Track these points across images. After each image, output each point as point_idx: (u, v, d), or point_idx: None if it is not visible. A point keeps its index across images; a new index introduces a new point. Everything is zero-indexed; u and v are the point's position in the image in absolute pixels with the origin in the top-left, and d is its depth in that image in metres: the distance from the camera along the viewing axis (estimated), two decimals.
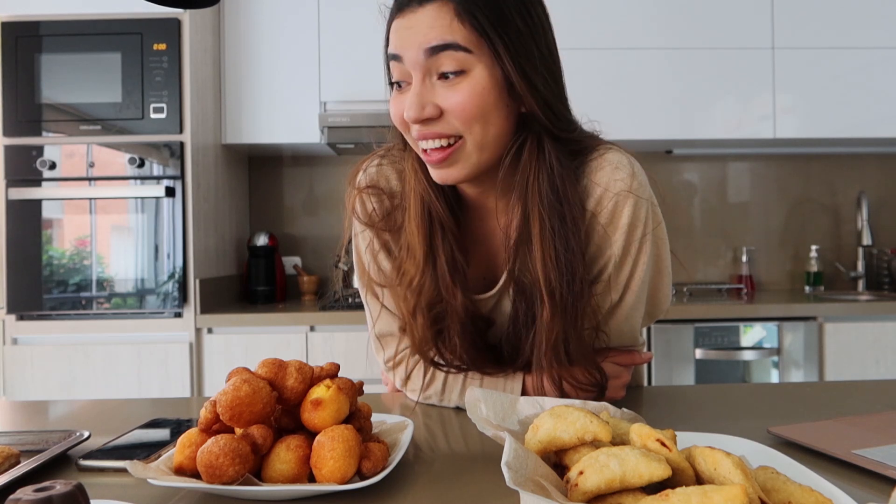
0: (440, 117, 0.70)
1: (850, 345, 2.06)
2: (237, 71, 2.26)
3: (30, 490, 0.39)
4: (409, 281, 0.77)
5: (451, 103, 0.69)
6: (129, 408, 0.86)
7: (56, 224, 2.00)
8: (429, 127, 0.70)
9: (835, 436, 0.63)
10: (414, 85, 0.70)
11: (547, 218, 0.71)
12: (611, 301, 0.77)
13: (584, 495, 0.42)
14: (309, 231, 2.62)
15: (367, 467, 0.53)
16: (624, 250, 0.75)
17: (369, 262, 0.84)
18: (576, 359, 0.75)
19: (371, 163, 0.84)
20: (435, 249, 0.76)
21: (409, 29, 0.69)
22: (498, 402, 0.59)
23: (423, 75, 0.69)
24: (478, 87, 0.68)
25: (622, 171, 0.74)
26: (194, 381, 1.99)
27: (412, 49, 0.68)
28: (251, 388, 0.52)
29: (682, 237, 2.67)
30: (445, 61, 0.68)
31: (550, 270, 0.71)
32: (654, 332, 2.04)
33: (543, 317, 0.72)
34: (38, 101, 2.00)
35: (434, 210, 0.77)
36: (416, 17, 0.68)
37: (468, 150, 0.71)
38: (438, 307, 0.77)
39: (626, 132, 2.28)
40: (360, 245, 0.85)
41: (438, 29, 0.67)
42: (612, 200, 0.74)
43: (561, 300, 0.72)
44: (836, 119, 2.31)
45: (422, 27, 0.68)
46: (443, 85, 0.69)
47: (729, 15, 2.29)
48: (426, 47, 0.68)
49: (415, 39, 0.68)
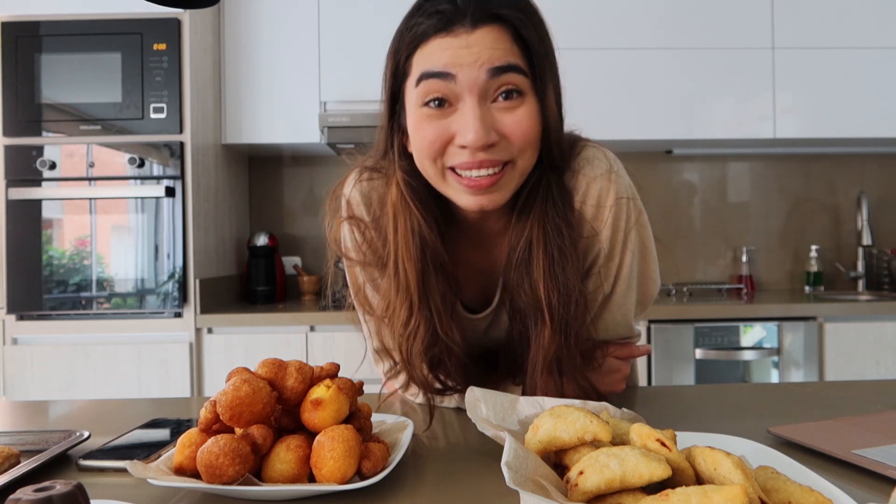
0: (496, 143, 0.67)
1: (850, 345, 2.06)
2: (237, 71, 2.26)
3: (30, 490, 0.39)
4: (403, 324, 0.73)
5: (512, 127, 0.67)
6: (129, 408, 0.86)
7: (56, 224, 2.00)
8: (487, 153, 0.67)
9: (835, 436, 0.63)
10: (471, 107, 0.66)
11: (549, 242, 0.72)
12: (603, 293, 0.78)
13: (584, 495, 0.42)
14: (309, 231, 2.62)
15: (367, 467, 0.53)
16: (611, 242, 0.76)
17: (361, 297, 0.81)
18: (568, 374, 0.74)
19: (360, 177, 0.79)
20: (429, 289, 0.73)
21: (466, 48, 0.65)
22: (498, 402, 0.59)
23: (480, 97, 0.66)
24: (533, 111, 0.68)
25: (600, 166, 0.75)
26: (194, 381, 1.99)
27: (471, 68, 0.65)
28: (251, 388, 0.52)
29: (682, 237, 2.67)
30: (506, 83, 0.66)
31: (551, 291, 0.71)
32: (654, 332, 2.04)
33: (543, 335, 0.72)
34: (38, 101, 2.00)
35: (428, 246, 0.73)
36: (474, 37, 0.65)
37: (514, 176, 0.70)
38: (435, 349, 0.73)
39: (626, 132, 2.30)
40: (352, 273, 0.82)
41: (502, 51, 0.66)
42: (596, 196, 0.75)
43: (560, 320, 0.72)
44: (836, 119, 2.31)
45: (482, 47, 0.65)
46: (499, 108, 0.67)
47: (729, 15, 2.29)
48: (490, 67, 0.65)
49: (475, 59, 0.65)
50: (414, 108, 0.69)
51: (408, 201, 0.73)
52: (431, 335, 0.73)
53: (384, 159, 0.77)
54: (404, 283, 0.72)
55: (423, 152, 0.69)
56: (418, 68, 0.68)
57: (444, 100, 0.67)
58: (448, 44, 0.66)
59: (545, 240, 0.72)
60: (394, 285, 0.73)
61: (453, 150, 0.68)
